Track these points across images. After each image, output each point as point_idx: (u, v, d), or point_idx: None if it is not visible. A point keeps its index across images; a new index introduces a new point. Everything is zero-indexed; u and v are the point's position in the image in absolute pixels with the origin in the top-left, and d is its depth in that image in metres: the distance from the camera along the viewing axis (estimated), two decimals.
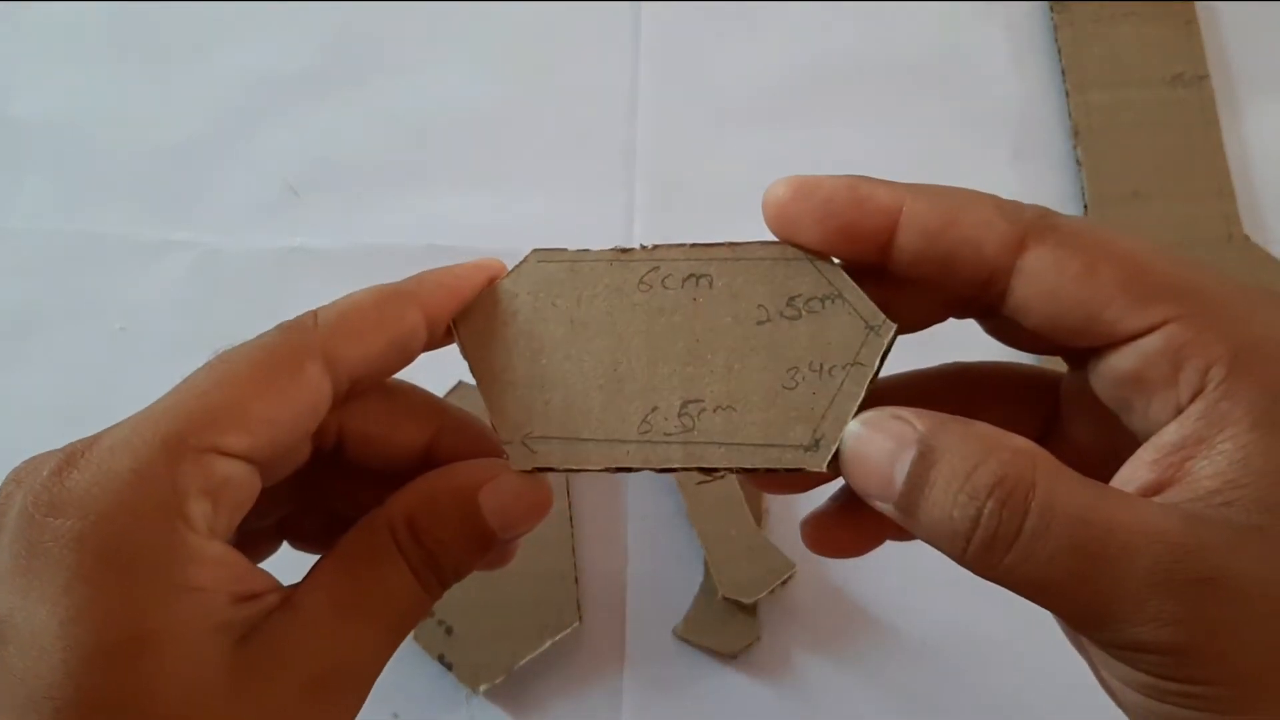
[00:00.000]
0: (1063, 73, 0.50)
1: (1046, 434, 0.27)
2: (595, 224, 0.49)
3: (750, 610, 0.41)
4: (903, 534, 0.25)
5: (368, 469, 0.27)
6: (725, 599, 0.41)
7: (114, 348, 0.47)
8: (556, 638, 0.40)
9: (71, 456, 0.22)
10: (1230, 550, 0.20)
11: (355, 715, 0.24)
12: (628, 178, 0.49)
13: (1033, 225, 0.22)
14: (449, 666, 0.40)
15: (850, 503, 0.28)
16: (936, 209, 0.23)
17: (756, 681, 0.42)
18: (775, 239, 0.25)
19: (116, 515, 0.21)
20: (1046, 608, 0.22)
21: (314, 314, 0.25)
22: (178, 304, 0.47)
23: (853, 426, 0.23)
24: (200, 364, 0.24)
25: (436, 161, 0.50)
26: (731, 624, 0.41)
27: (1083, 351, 0.23)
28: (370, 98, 0.51)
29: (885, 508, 0.23)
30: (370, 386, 0.26)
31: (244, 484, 0.23)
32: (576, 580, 0.42)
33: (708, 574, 0.42)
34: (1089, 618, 0.21)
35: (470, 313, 0.26)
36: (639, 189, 0.49)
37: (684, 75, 0.51)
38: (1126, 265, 0.22)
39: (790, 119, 0.50)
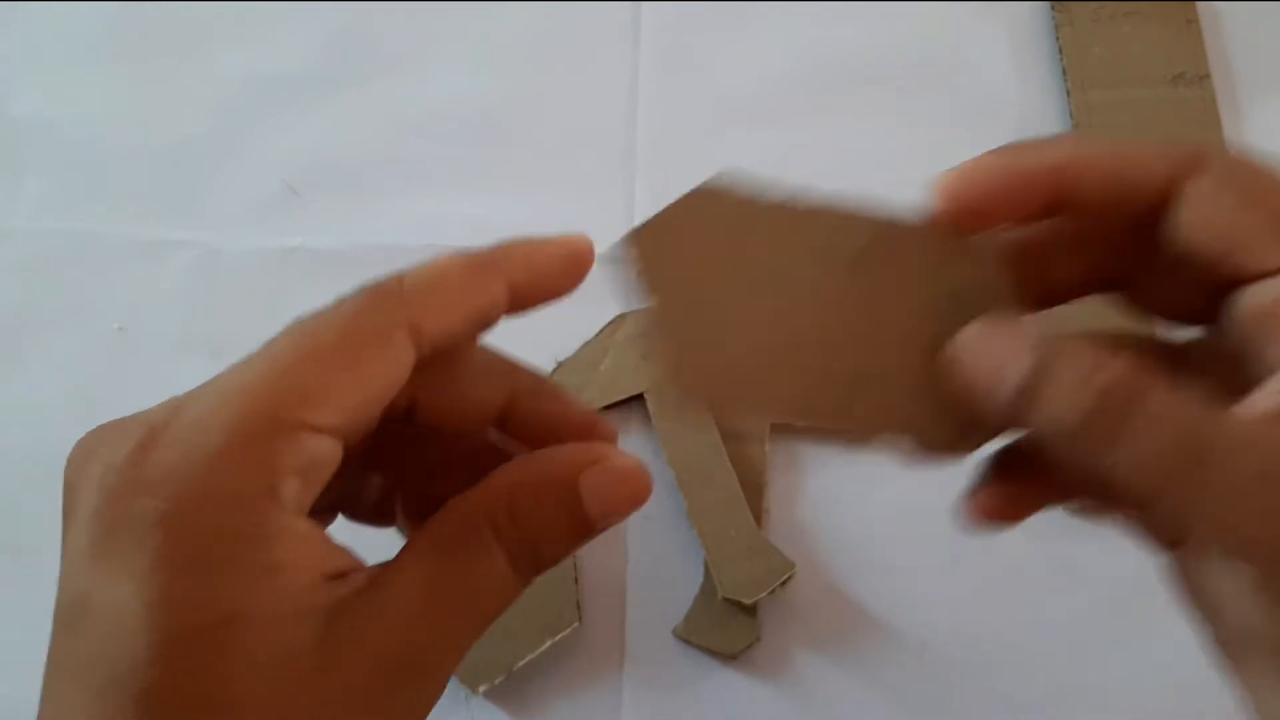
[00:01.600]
0: (1063, 72, 0.50)
1: None
2: (595, 224, 0.48)
3: (750, 610, 0.41)
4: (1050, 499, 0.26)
5: (439, 434, 0.27)
6: (725, 599, 0.41)
7: (113, 348, 0.47)
8: (556, 638, 0.40)
9: (153, 431, 0.21)
10: None
11: (434, 703, 0.24)
12: (628, 178, 0.49)
13: (1196, 155, 0.23)
14: None
15: (1004, 469, 0.28)
16: (1106, 150, 0.24)
17: (757, 682, 0.41)
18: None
19: (205, 495, 0.20)
20: (1142, 511, 0.23)
21: (399, 280, 0.24)
22: (177, 304, 0.47)
23: (972, 328, 0.24)
24: (199, 364, 0.24)
25: (436, 161, 0.50)
26: (731, 624, 0.41)
27: (1223, 286, 0.24)
28: (370, 98, 0.51)
29: (995, 403, 0.23)
30: (444, 352, 0.25)
31: (330, 461, 0.23)
32: (577, 580, 0.42)
33: (708, 574, 0.42)
34: (1189, 519, 0.21)
35: (648, 246, 0.25)
36: (639, 189, 0.49)
37: (684, 75, 0.51)
38: (1276, 202, 0.23)
39: (790, 118, 0.50)
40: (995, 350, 0.23)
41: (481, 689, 0.40)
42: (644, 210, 0.49)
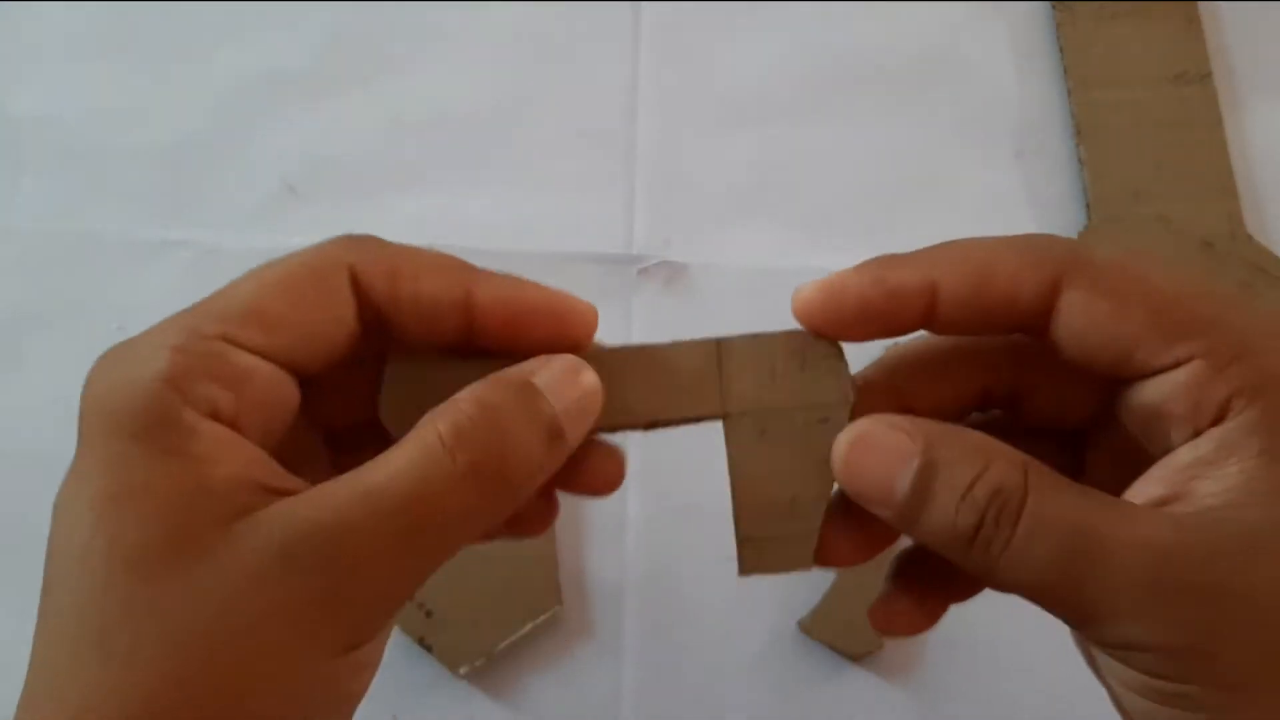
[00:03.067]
0: (1065, 71, 0.50)
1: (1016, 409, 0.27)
2: (595, 224, 0.49)
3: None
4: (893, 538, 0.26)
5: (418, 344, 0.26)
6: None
7: None
8: (537, 620, 0.40)
9: (113, 348, 0.23)
10: (1219, 559, 0.21)
11: (352, 624, 0.22)
12: (628, 177, 0.49)
13: (1065, 266, 0.23)
14: (429, 649, 0.40)
15: (849, 512, 0.27)
16: (967, 279, 0.24)
17: (754, 681, 0.41)
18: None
19: (122, 388, 0.22)
20: (1043, 608, 0.22)
21: (375, 239, 0.25)
22: (176, 304, 0.46)
23: (860, 425, 0.24)
24: None
25: (436, 161, 0.50)
26: (861, 627, 0.41)
27: (1112, 385, 0.24)
28: (370, 97, 0.50)
29: (884, 513, 0.24)
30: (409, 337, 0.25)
31: (271, 383, 0.23)
32: (557, 562, 0.41)
33: (842, 573, 0.42)
34: (1083, 617, 0.22)
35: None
36: (639, 189, 0.49)
37: (684, 75, 0.51)
38: (1155, 302, 0.23)
39: (791, 118, 0.50)
40: (882, 452, 0.23)
41: (462, 671, 0.40)
42: (644, 210, 0.49)
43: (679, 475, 0.44)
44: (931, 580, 0.27)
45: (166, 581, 0.21)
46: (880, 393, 0.26)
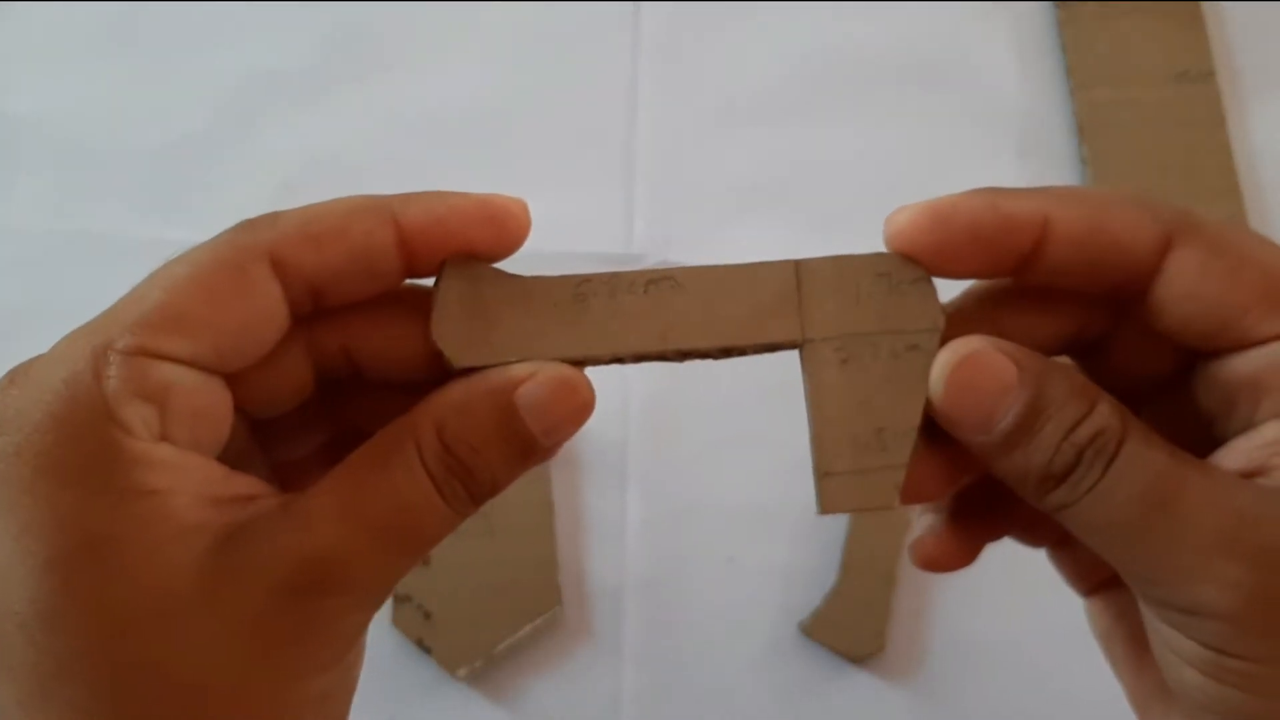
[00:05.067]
0: (1067, 70, 0.50)
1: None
2: (595, 224, 0.48)
3: (881, 618, 0.41)
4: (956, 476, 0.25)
5: (391, 384, 0.25)
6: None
7: None
8: (536, 621, 0.40)
9: (14, 375, 0.21)
10: None
11: (350, 634, 0.22)
12: (628, 178, 0.49)
13: (1178, 225, 0.22)
14: (428, 651, 0.40)
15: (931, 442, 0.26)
16: (1083, 218, 0.22)
17: (753, 678, 0.41)
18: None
19: (49, 426, 0.20)
20: (1111, 559, 0.22)
21: (275, 215, 0.23)
22: None
23: (951, 354, 0.23)
24: None
25: (435, 161, 0.49)
26: (860, 629, 0.41)
27: (1202, 354, 0.24)
28: (368, 97, 0.50)
29: (975, 439, 0.23)
30: (351, 302, 0.24)
31: (197, 392, 0.22)
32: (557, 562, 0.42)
33: (843, 575, 0.42)
34: (1152, 571, 0.22)
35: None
36: (639, 189, 0.49)
37: (684, 75, 0.51)
38: (1268, 272, 0.22)
39: (792, 118, 0.50)
40: (989, 377, 0.22)
41: (461, 673, 0.39)
42: (644, 210, 0.48)
43: (679, 475, 0.44)
44: (978, 517, 0.27)
45: (160, 641, 0.20)
46: (971, 323, 0.24)
